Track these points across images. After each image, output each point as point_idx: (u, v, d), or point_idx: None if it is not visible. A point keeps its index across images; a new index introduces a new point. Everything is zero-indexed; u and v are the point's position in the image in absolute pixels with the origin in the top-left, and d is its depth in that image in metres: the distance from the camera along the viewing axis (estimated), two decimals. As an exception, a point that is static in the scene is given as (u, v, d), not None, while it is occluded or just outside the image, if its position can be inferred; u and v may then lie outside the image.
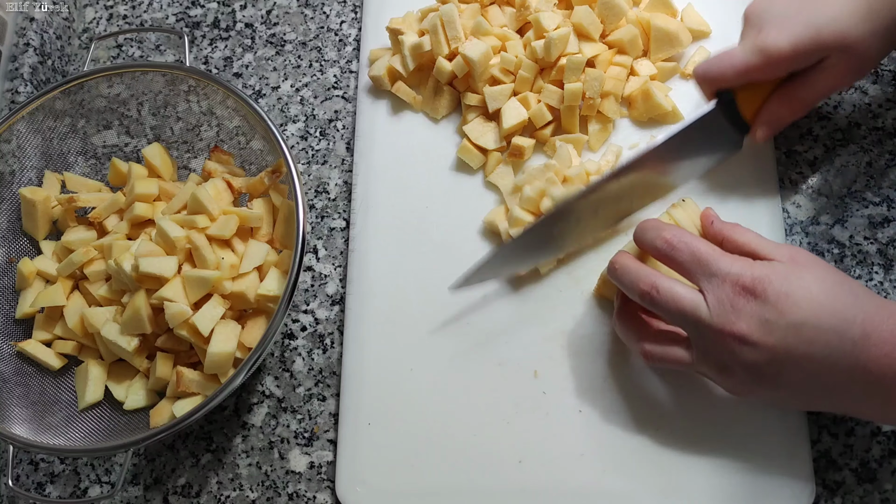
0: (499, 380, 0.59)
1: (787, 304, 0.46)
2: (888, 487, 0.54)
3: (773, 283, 0.47)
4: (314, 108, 0.71)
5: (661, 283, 0.50)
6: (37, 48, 0.72)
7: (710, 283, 0.48)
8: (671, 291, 0.49)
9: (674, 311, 0.49)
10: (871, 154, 0.62)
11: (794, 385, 0.48)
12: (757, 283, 0.47)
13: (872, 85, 0.64)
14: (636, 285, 0.51)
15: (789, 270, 0.47)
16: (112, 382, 0.60)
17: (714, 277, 0.48)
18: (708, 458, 0.55)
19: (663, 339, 0.52)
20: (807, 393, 0.49)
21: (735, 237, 0.52)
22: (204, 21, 0.76)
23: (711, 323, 0.47)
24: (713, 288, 0.48)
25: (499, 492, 0.56)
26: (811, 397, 0.49)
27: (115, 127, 0.70)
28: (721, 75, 0.56)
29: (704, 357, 0.49)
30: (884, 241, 0.60)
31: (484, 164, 0.65)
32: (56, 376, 0.61)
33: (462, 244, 0.63)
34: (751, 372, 0.48)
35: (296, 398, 0.62)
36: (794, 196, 0.62)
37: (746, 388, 0.49)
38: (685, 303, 0.48)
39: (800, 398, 0.50)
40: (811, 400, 0.50)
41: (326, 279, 0.65)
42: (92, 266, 0.60)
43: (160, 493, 0.60)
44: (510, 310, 0.60)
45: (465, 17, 0.65)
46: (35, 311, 0.61)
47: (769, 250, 0.50)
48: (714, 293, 0.48)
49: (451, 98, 0.67)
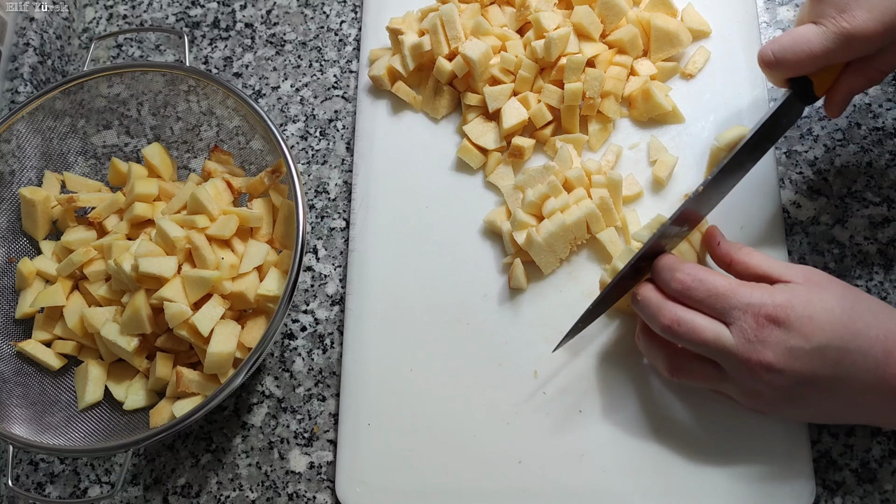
0: (499, 380, 0.59)
1: (811, 329, 0.46)
2: (888, 488, 0.54)
3: (796, 308, 0.47)
4: (314, 108, 0.71)
5: (682, 316, 0.49)
6: (37, 48, 0.72)
7: (732, 316, 0.48)
8: (692, 324, 0.49)
9: (697, 343, 0.49)
10: (871, 154, 0.62)
11: (820, 403, 0.49)
12: (780, 311, 0.47)
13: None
14: (658, 319, 0.50)
15: (809, 293, 0.48)
16: (112, 382, 0.60)
17: (734, 310, 0.48)
18: (708, 458, 0.55)
19: (689, 357, 0.51)
20: (832, 409, 0.50)
21: (745, 260, 0.51)
22: (204, 21, 0.75)
23: (737, 353, 0.47)
24: (735, 320, 0.48)
25: (498, 492, 0.56)
26: (835, 413, 0.50)
27: (115, 127, 0.70)
28: (798, 63, 0.51)
29: (732, 381, 0.50)
30: (884, 241, 0.60)
31: (484, 164, 0.65)
32: (56, 376, 0.61)
33: (462, 244, 0.63)
34: (779, 395, 0.48)
35: (296, 398, 0.62)
36: (794, 196, 0.62)
37: (772, 408, 0.50)
38: (708, 335, 0.48)
39: (824, 414, 0.51)
40: (835, 415, 0.50)
41: (326, 279, 0.65)
42: (92, 266, 0.60)
43: (160, 494, 0.60)
44: (510, 310, 0.60)
45: (465, 17, 0.65)
46: (35, 311, 0.61)
47: (782, 272, 0.50)
48: (737, 325, 0.48)
49: (451, 98, 0.66)
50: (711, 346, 0.48)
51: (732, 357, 0.48)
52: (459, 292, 0.61)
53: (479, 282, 0.61)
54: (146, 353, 0.59)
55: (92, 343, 0.60)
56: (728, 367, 0.49)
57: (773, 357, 0.46)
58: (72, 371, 0.61)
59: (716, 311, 0.49)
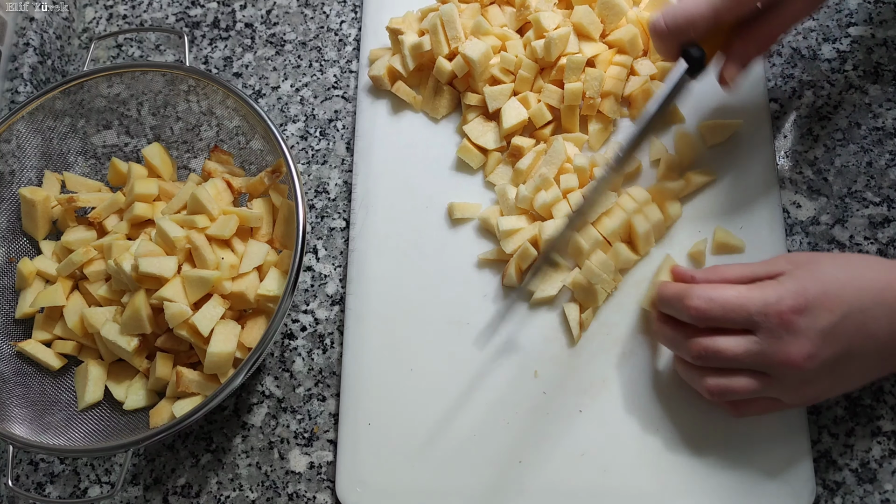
0: (499, 380, 0.59)
1: (830, 303, 0.47)
2: (888, 488, 0.54)
3: (809, 290, 0.47)
4: (314, 108, 0.71)
5: (706, 345, 0.50)
6: (36, 48, 0.72)
7: (755, 323, 0.48)
8: (717, 348, 0.49)
9: (732, 362, 0.49)
10: (871, 154, 0.62)
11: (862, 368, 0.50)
12: (798, 299, 0.47)
13: (872, 85, 0.64)
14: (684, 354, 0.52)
15: (809, 272, 0.48)
16: (112, 382, 0.60)
17: (754, 316, 0.48)
18: (708, 458, 0.55)
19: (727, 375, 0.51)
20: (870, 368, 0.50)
21: (728, 276, 0.52)
22: (204, 21, 0.75)
23: (774, 354, 0.48)
24: (760, 325, 0.48)
25: (499, 492, 0.56)
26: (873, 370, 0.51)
27: (115, 127, 0.70)
28: (690, 24, 0.52)
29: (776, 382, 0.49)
30: (884, 241, 0.60)
31: (484, 163, 0.65)
32: (56, 376, 0.61)
33: (462, 244, 0.63)
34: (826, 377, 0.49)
35: (296, 398, 0.62)
36: (794, 196, 0.62)
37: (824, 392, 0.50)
38: (738, 351, 0.49)
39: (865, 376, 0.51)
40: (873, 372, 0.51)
41: (326, 279, 0.65)
42: (91, 266, 0.60)
43: (160, 494, 0.60)
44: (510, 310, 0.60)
45: (465, 17, 0.65)
46: (35, 311, 0.61)
47: (768, 269, 0.50)
48: (763, 329, 0.48)
49: (451, 98, 0.66)
50: (745, 359, 0.49)
51: (770, 360, 0.48)
52: (459, 292, 0.61)
53: (479, 281, 0.61)
54: (146, 354, 0.59)
55: (92, 343, 0.60)
56: (769, 370, 0.49)
57: (809, 344, 0.47)
58: (72, 371, 0.61)
59: (738, 325, 0.49)
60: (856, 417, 0.56)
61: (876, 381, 0.57)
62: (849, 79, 0.65)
